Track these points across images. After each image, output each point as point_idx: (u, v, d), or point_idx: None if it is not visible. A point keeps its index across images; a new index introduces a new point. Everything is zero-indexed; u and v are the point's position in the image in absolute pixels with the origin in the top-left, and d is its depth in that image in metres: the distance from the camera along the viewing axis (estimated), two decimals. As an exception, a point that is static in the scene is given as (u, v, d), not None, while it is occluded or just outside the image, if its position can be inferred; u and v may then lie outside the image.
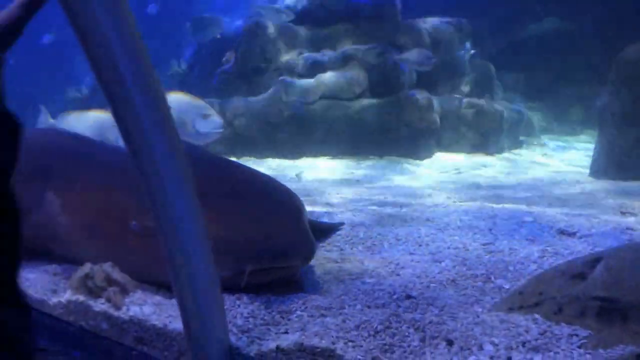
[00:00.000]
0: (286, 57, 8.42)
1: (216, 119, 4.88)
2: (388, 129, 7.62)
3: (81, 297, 2.27)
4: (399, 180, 6.18)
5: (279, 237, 2.25)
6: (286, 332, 1.99)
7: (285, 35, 8.65)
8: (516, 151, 8.59)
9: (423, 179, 6.28)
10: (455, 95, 8.41)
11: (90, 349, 2.19)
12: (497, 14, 10.98)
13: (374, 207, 4.21)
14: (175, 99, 4.65)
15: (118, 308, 2.18)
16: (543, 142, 9.71)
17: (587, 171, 6.09)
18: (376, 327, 1.92)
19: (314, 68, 8.10)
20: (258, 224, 2.24)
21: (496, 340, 1.82)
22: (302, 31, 8.72)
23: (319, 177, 6.36)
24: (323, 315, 2.08)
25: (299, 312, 2.14)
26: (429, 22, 8.87)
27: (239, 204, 2.30)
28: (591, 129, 9.46)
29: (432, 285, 2.44)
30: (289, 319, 2.09)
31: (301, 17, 8.86)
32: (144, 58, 1.45)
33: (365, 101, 7.81)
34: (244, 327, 2.01)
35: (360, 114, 7.71)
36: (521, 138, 9.30)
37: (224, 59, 9.25)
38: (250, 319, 2.07)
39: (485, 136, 7.99)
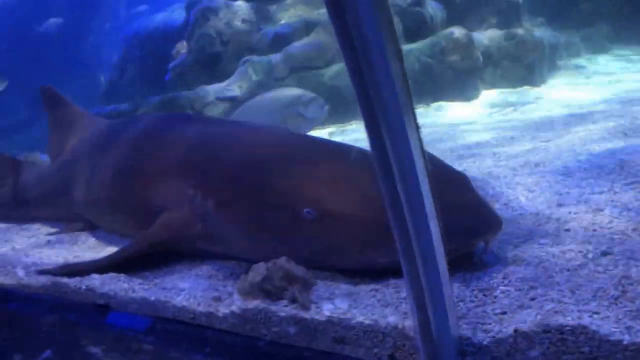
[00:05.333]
0: (244, 36, 8.08)
1: (319, 100, 5.04)
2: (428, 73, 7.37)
3: (259, 303, 2.12)
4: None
5: (467, 211, 2.10)
6: (504, 313, 1.85)
7: (238, 14, 8.32)
8: (558, 79, 8.33)
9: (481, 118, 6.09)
10: (491, 28, 8.12)
11: None
12: None
13: (470, 158, 4.04)
14: (271, 97, 4.78)
15: (307, 308, 2.04)
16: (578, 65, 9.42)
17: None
18: (613, 294, 1.78)
19: (278, 41, 7.79)
20: (446, 200, 2.08)
21: None
22: (252, 8, 8.41)
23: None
24: (533, 288, 1.94)
25: (502, 287, 2.00)
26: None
27: None
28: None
29: (615, 237, 2.29)
30: (494, 297, 1.96)
31: None
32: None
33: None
34: (458, 313, 1.87)
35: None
36: (558, 62, 9.04)
37: (174, 52, 8.92)
38: (460, 303, 1.93)
39: (530, 68, 7.73)
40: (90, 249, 3.23)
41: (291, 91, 5.27)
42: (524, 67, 7.70)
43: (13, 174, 4.19)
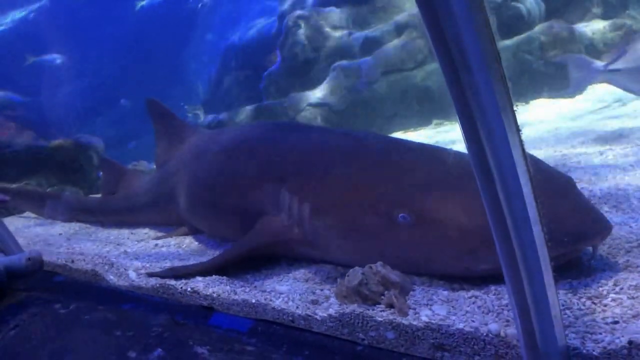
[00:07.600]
0: (335, 42, 8.11)
1: None
2: (526, 70, 7.09)
3: (356, 307, 2.13)
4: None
5: (572, 214, 2.00)
6: (615, 322, 1.74)
7: (329, 21, 8.35)
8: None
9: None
10: (595, 19, 7.66)
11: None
12: None
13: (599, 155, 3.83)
14: None
15: (404, 313, 2.03)
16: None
17: None
18: None
19: (368, 45, 7.74)
20: (550, 203, 2.00)
21: None
22: (343, 14, 8.38)
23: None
24: (648, 296, 1.82)
25: (613, 295, 1.88)
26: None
27: None
28: None
29: None
30: (605, 305, 1.85)
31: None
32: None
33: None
34: (564, 321, 1.78)
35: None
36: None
37: (267, 61, 9.09)
38: (567, 311, 1.84)
39: (640, 58, 7.21)
40: (194, 252, 3.39)
41: None
42: (632, 58, 7.19)
43: (124, 182, 4.49)
